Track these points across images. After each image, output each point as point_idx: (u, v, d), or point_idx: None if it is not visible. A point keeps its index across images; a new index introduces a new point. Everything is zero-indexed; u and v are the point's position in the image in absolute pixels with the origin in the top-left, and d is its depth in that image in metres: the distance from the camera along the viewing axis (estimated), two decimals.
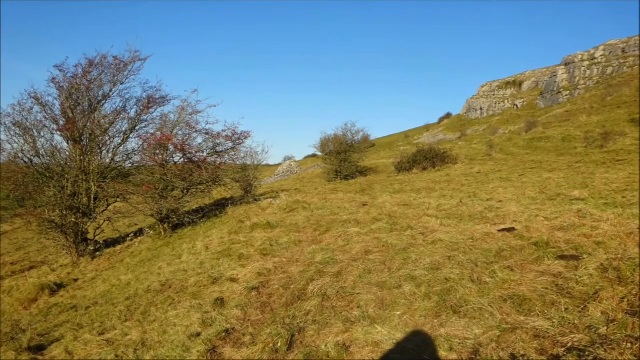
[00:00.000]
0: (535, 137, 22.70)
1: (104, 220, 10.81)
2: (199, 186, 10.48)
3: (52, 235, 10.29)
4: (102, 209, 10.83)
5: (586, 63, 35.14)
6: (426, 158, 18.60)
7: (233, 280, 4.54)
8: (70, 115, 10.19)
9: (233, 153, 11.29)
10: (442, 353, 2.44)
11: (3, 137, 11.27)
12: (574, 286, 2.86)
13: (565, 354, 2.15)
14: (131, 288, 5.82)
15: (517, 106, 42.28)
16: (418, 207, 6.95)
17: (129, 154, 11.26)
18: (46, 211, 9.94)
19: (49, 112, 10.26)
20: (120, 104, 11.11)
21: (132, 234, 11.41)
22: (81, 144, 10.33)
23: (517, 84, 46.89)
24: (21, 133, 9.92)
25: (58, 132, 10.34)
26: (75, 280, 7.94)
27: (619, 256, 3.15)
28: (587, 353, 2.10)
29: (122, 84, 10.88)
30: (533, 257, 3.56)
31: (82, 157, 10.34)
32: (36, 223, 10.10)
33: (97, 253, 10.08)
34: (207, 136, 10.78)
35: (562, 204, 6.29)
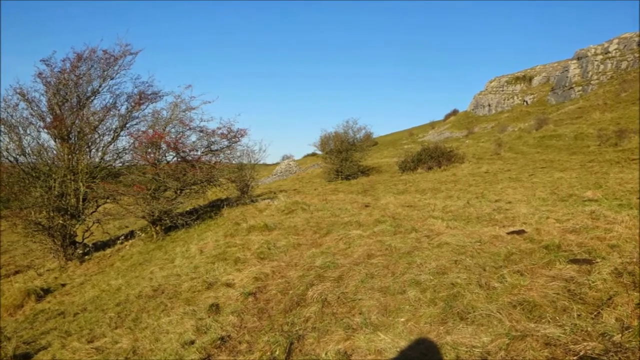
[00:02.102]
0: (546, 135, 22.30)
1: (93, 222, 10.59)
2: (193, 186, 10.31)
3: (38, 238, 10.04)
4: (91, 211, 10.59)
5: (599, 57, 33.73)
6: (431, 157, 18.44)
7: (229, 285, 4.41)
8: (58, 112, 9.94)
9: (229, 152, 11.14)
10: None
11: None
12: (587, 291, 2.78)
13: None
14: (122, 293, 5.67)
15: (527, 102, 41.36)
16: (423, 209, 6.85)
17: (119, 152, 11.03)
18: (32, 213, 9.70)
19: (36, 108, 10.03)
20: (110, 100, 10.88)
21: (123, 237, 11.18)
22: (69, 142, 10.07)
23: (527, 79, 45.33)
24: (6, 131, 9.69)
25: (45, 130, 10.09)
26: (63, 285, 7.76)
27: (634, 260, 3.07)
28: None
29: (112, 79, 10.66)
30: (544, 261, 3.46)
31: (70, 156, 10.08)
32: (22, 225, 9.86)
33: (86, 257, 9.84)
34: (201, 134, 10.58)
35: (575, 205, 6.23)
